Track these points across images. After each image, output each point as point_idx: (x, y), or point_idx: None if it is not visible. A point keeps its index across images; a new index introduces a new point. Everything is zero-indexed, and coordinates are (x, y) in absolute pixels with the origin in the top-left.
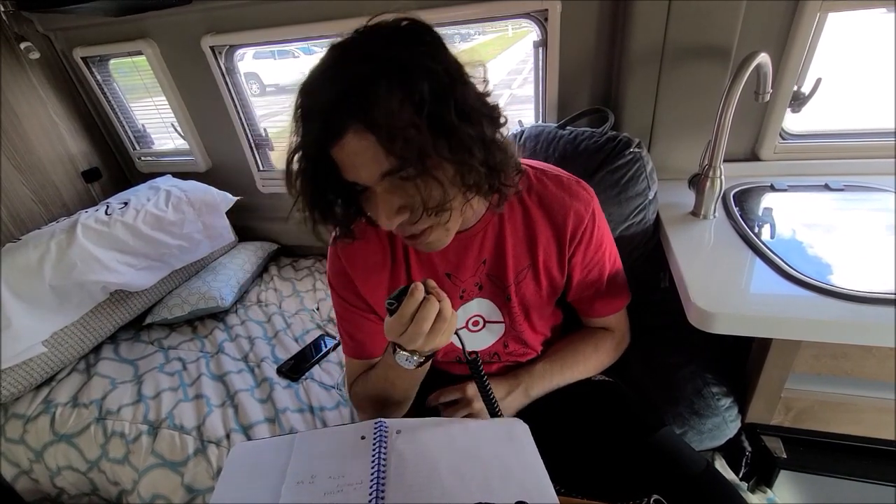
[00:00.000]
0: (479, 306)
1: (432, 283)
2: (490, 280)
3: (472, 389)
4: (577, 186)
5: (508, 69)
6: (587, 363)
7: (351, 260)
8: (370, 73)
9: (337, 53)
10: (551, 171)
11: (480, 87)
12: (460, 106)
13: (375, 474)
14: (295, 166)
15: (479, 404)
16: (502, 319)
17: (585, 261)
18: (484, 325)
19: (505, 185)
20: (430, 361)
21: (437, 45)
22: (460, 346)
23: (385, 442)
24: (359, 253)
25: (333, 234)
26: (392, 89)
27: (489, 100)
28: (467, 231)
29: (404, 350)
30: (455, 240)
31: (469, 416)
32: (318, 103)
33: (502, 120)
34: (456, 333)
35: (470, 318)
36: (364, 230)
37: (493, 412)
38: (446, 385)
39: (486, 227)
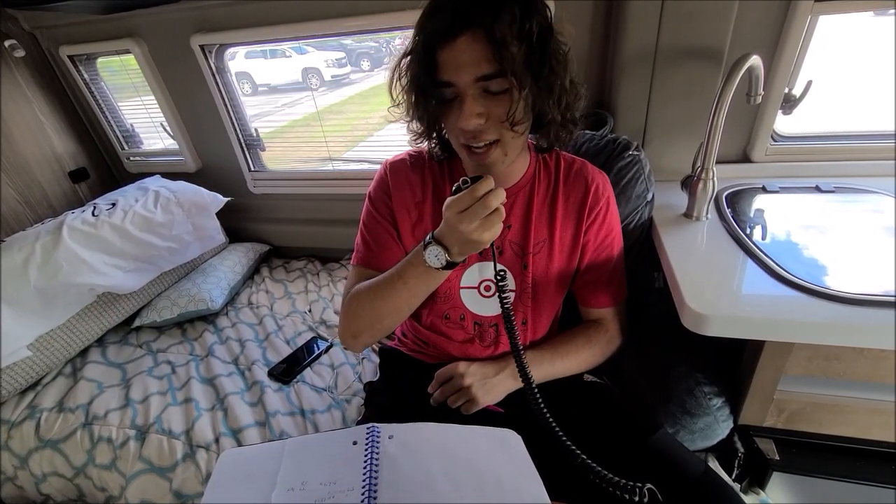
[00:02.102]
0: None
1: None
2: (510, 246)
3: (462, 366)
4: (599, 173)
5: None
6: (578, 355)
7: (397, 180)
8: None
9: None
10: (576, 157)
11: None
12: (556, 47)
13: (367, 480)
14: (402, 70)
15: (469, 379)
16: (514, 288)
17: (597, 241)
18: (495, 293)
19: (564, 130)
20: (449, 271)
21: (544, 4)
22: (493, 260)
23: (377, 447)
24: (406, 178)
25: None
26: (514, 10)
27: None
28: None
29: (439, 244)
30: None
31: (462, 391)
32: (446, 7)
33: (578, 80)
34: (491, 248)
35: (482, 282)
36: (419, 162)
37: (513, 336)
38: (418, 374)
39: (518, 192)
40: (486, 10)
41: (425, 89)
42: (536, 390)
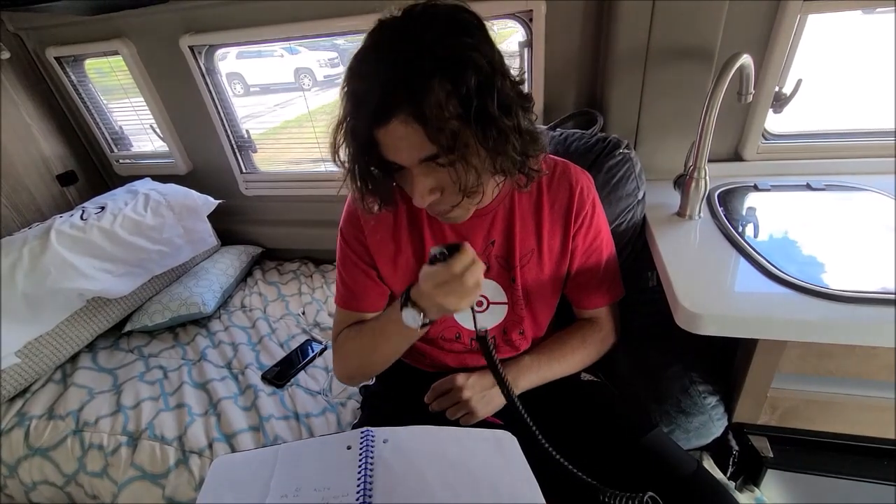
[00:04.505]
0: (485, 287)
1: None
2: (497, 261)
3: (461, 379)
4: (582, 173)
5: None
6: (574, 356)
7: (366, 214)
8: (423, 66)
9: (388, 37)
10: (559, 159)
11: (515, 75)
12: (501, 98)
13: (362, 486)
14: (340, 139)
15: (468, 392)
16: (506, 300)
17: (586, 244)
18: (487, 307)
19: (533, 169)
20: (427, 328)
21: (485, 36)
22: (472, 319)
23: (371, 452)
24: None
25: (360, 195)
26: (442, 83)
27: (522, 88)
28: (479, 210)
29: (415, 307)
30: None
31: (460, 404)
32: (370, 88)
33: (532, 107)
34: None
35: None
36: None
37: (504, 387)
38: (415, 380)
39: (497, 208)
40: (410, 89)
41: (368, 171)
42: (523, 410)
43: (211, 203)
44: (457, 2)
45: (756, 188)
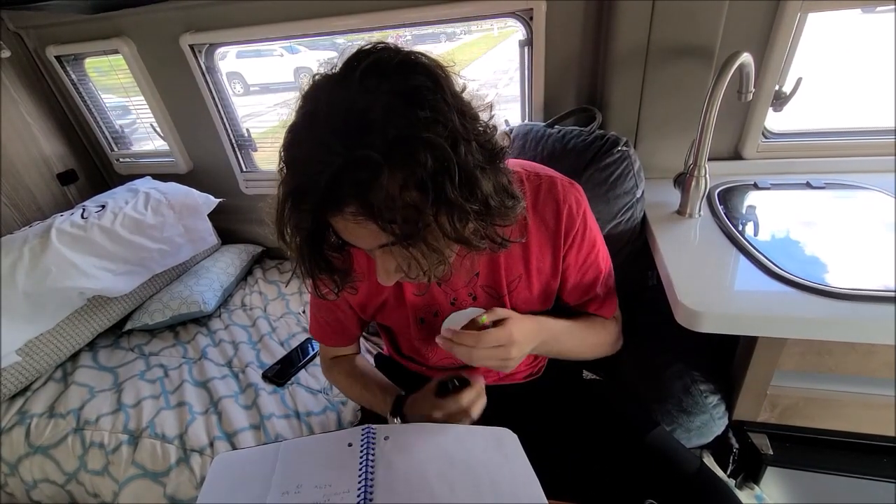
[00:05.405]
0: (474, 314)
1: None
2: (484, 291)
3: (516, 332)
4: (570, 188)
5: (494, 68)
6: (595, 332)
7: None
8: (369, 157)
9: (325, 110)
10: (544, 173)
11: (484, 116)
12: (462, 174)
13: (363, 482)
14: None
15: (516, 352)
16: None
17: (579, 261)
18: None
19: (504, 240)
20: None
21: (441, 92)
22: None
23: (373, 449)
24: None
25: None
26: (393, 175)
27: (490, 139)
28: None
29: (401, 419)
30: None
31: (505, 361)
32: (312, 178)
33: (504, 153)
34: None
35: (463, 326)
36: None
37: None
38: (417, 379)
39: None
40: (356, 182)
41: (321, 257)
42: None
43: (211, 202)
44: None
45: (756, 186)
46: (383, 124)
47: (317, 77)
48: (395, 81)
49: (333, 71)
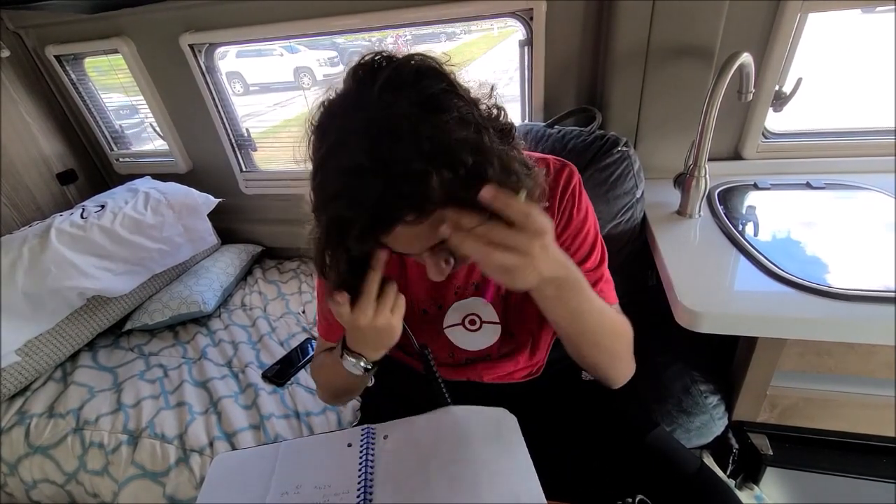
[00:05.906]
0: (476, 305)
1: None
2: (487, 279)
3: (548, 223)
4: (563, 166)
5: (494, 68)
6: (613, 319)
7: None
8: (419, 164)
9: (355, 143)
10: (538, 156)
11: (494, 113)
12: (496, 160)
13: (363, 482)
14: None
15: (539, 249)
16: (499, 321)
17: (572, 232)
18: (481, 326)
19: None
20: (375, 369)
21: (458, 100)
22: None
23: (372, 449)
24: None
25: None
26: (441, 176)
27: (502, 119)
28: None
29: (352, 354)
30: None
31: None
32: (358, 210)
33: (513, 129)
34: (404, 325)
35: (466, 317)
36: None
37: (443, 397)
38: (416, 379)
39: None
40: (410, 196)
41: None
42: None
43: (211, 202)
44: (416, 55)
45: (756, 187)
46: (415, 137)
47: (326, 104)
48: (412, 93)
49: (339, 92)
